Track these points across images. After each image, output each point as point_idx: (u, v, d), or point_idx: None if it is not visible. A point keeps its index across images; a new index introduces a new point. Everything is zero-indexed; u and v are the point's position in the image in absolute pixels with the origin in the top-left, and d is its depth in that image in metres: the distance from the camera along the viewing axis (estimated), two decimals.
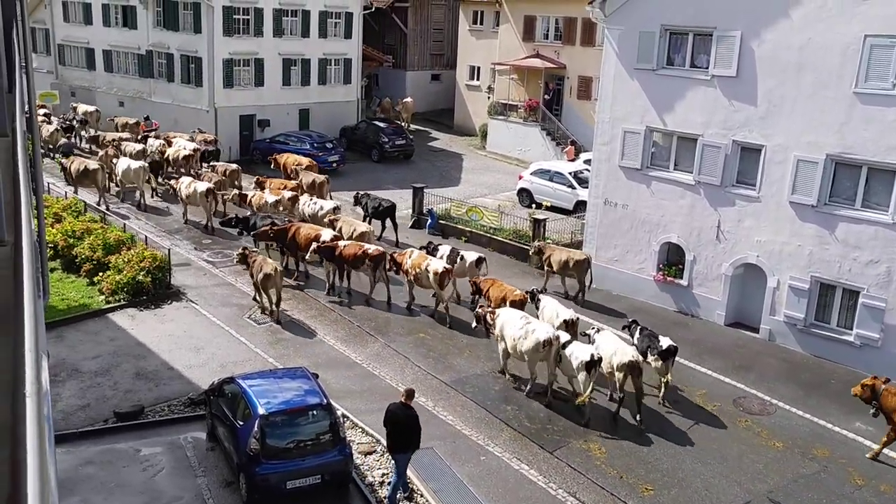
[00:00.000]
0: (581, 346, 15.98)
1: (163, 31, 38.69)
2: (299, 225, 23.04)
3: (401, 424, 12.71)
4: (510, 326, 16.61)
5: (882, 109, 17.55)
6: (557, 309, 18.06)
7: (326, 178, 29.98)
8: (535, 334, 16.03)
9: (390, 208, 26.69)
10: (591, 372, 15.26)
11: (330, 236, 21.99)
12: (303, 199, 26.46)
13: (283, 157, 32.97)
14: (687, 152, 21.14)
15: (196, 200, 26.97)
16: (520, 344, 16.23)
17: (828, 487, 14.09)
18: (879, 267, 18.06)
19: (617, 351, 15.87)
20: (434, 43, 52.00)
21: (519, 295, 18.86)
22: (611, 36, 22.14)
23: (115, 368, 17.22)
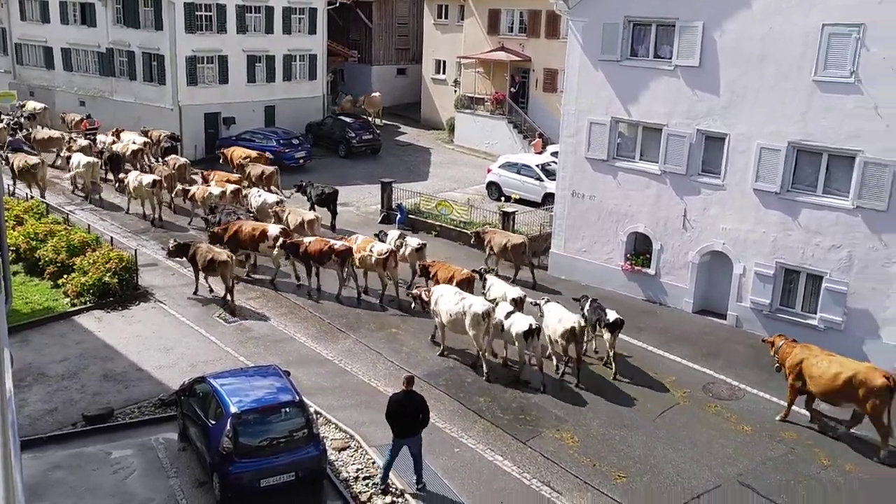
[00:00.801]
0: (521, 316, 16.89)
1: (123, 28, 38.15)
2: (241, 223, 22.86)
3: (409, 412, 12.86)
4: (445, 302, 17.54)
5: (841, 97, 17.86)
6: (505, 288, 18.96)
7: (276, 168, 30.44)
8: (472, 308, 16.93)
9: (333, 195, 27.51)
10: (529, 340, 16.34)
11: (278, 231, 22.00)
12: (252, 192, 26.72)
13: (230, 150, 33.19)
14: (652, 142, 21.35)
15: (142, 193, 27.18)
16: (458, 319, 17.10)
17: (795, 469, 14.35)
18: (841, 252, 18.40)
19: (561, 319, 16.96)
20: (399, 37, 51.87)
21: (466, 274, 19.69)
22: (575, 28, 22.26)
23: (83, 371, 17.00)
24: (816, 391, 15.27)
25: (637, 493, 13.47)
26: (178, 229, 26.67)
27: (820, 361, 15.26)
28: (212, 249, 20.72)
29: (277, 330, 19.45)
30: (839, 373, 14.84)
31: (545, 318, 17.42)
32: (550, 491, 13.45)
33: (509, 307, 17.44)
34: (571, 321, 16.80)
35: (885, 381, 14.37)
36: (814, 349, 15.82)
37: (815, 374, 15.18)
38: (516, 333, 16.60)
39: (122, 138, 33.81)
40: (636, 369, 18.00)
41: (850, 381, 14.65)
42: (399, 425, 12.97)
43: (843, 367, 14.94)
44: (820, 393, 15.24)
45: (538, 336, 16.60)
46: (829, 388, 14.95)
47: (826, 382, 14.98)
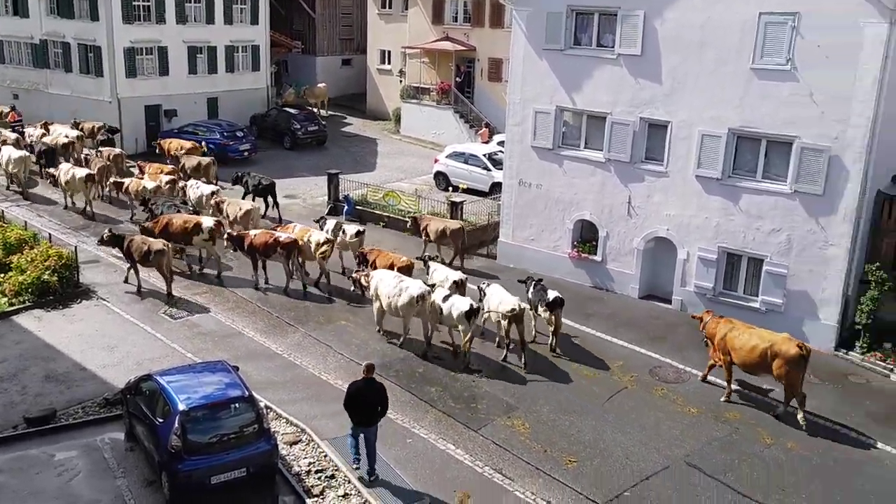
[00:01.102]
0: (460, 298, 17.51)
1: (57, 18, 37.07)
2: (171, 216, 22.53)
3: (369, 400, 12.93)
4: (384, 285, 18.03)
5: (778, 84, 18.29)
6: (447, 272, 19.48)
7: (212, 159, 30.31)
8: (408, 291, 17.53)
9: (270, 186, 27.52)
10: (470, 320, 16.90)
11: (212, 223, 21.87)
12: (189, 184, 26.64)
13: (167, 142, 32.90)
14: (596, 131, 21.58)
15: (75, 186, 26.89)
16: (394, 301, 17.64)
17: (740, 448, 14.72)
18: (781, 235, 18.88)
19: (502, 301, 17.55)
20: (343, 28, 51.46)
21: (405, 261, 20.11)
22: (519, 17, 22.35)
23: (23, 372, 16.55)
24: (738, 362, 16.11)
25: (587, 476, 13.67)
26: (114, 222, 26.24)
27: (741, 334, 16.09)
28: (147, 240, 20.58)
29: (225, 325, 19.20)
30: (757, 344, 15.68)
31: (487, 301, 18.03)
32: (503, 478, 13.56)
33: (447, 291, 17.93)
34: (512, 303, 17.31)
35: (799, 351, 15.24)
36: (736, 323, 16.60)
37: (737, 346, 15.99)
38: (458, 315, 17.02)
39: (52, 131, 33.21)
40: (587, 354, 18.24)
41: (766, 351, 15.51)
42: (358, 413, 13.01)
43: (761, 338, 15.79)
44: (741, 363, 16.07)
45: (478, 315, 17.23)
46: (749, 359, 15.79)
47: (746, 353, 15.83)
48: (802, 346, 15.43)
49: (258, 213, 24.69)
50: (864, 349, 18.33)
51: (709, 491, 13.41)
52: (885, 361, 17.96)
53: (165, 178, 27.01)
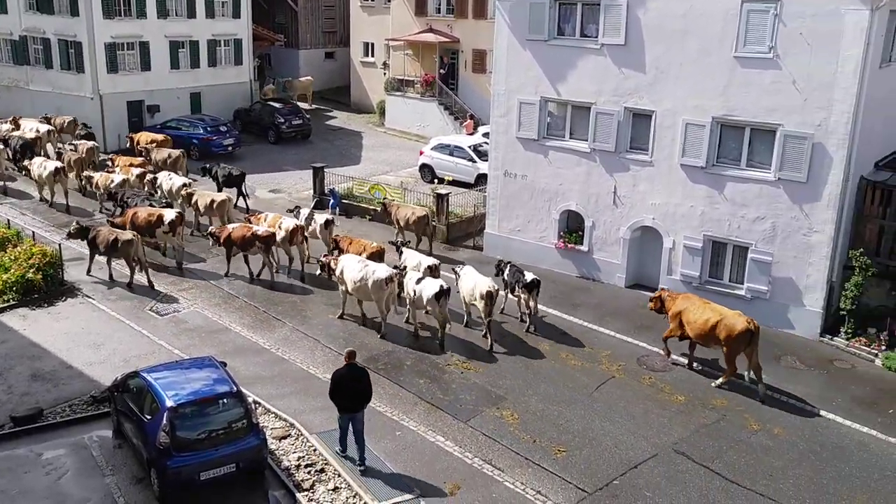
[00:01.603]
0: (430, 280, 18.11)
1: (36, 14, 36.69)
2: (137, 209, 22.88)
3: (353, 385, 13.14)
4: (350, 270, 18.58)
5: (760, 72, 18.36)
6: (420, 258, 19.97)
7: (182, 152, 30.50)
8: (375, 274, 18.03)
9: (240, 176, 27.76)
10: (440, 300, 17.59)
11: (173, 215, 22.05)
12: (161, 176, 26.81)
13: (138, 135, 33.15)
14: (581, 121, 21.60)
15: (45, 180, 27.15)
16: (362, 284, 18.17)
17: (727, 434, 14.83)
18: (765, 223, 18.98)
19: (477, 282, 18.30)
20: (326, 20, 51.21)
21: (375, 247, 20.75)
22: (502, 8, 22.31)
23: (9, 371, 16.44)
24: (693, 335, 16.86)
25: (577, 466, 13.74)
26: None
27: (697, 309, 16.86)
28: (114, 231, 20.95)
29: (212, 321, 19.14)
30: (710, 318, 16.46)
31: (462, 282, 18.83)
32: (492, 469, 13.61)
33: (419, 275, 18.48)
34: (486, 285, 17.99)
35: (746, 326, 16.00)
36: (693, 298, 17.43)
37: (692, 320, 16.76)
38: (428, 297, 17.65)
39: (22, 126, 33.16)
40: (574, 344, 18.30)
41: (717, 325, 16.25)
42: (344, 400, 13.18)
43: (714, 312, 16.57)
44: (695, 336, 16.83)
45: (448, 297, 17.84)
46: (702, 332, 16.55)
47: (699, 327, 16.58)
48: (751, 321, 16.09)
49: (230, 204, 24.98)
50: (849, 334, 18.49)
51: (697, 478, 13.51)
52: (869, 346, 18.11)
53: (135, 171, 27.25)
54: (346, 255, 19.81)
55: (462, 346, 17.91)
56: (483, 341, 18.09)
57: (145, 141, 32.21)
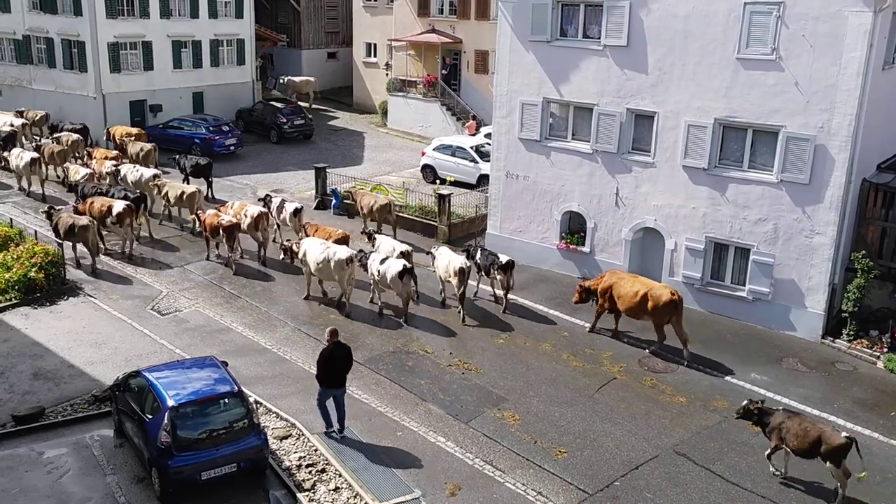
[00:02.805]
0: (394, 261, 19.28)
1: (40, 13, 36.75)
2: (94, 199, 23.47)
3: (341, 361, 13.92)
4: (312, 251, 19.69)
5: (763, 74, 18.35)
6: (394, 244, 21.08)
7: (153, 146, 31.14)
8: (337, 255, 19.15)
9: (207, 166, 28.98)
10: (403, 279, 18.70)
11: (122, 206, 22.58)
12: (127, 167, 27.62)
13: (114, 128, 33.88)
14: (583, 122, 21.60)
15: (22, 170, 28.24)
16: (324, 265, 19.25)
17: (728, 436, 14.82)
18: (767, 225, 18.97)
19: (451, 260, 19.62)
20: (329, 21, 51.26)
21: (340, 234, 21.77)
22: (504, 9, 22.32)
23: (11, 370, 16.46)
24: (622, 308, 18.04)
25: (578, 467, 13.73)
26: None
27: (625, 283, 18.07)
28: (73, 216, 22.03)
29: (213, 320, 19.15)
30: (639, 290, 17.72)
31: (437, 261, 20.15)
32: (493, 469, 13.60)
33: (383, 256, 19.74)
34: (460, 262, 19.42)
35: (671, 297, 17.35)
36: (620, 274, 18.73)
37: (622, 294, 17.98)
38: (392, 276, 18.76)
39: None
40: (575, 345, 18.30)
41: (645, 297, 17.54)
42: (331, 375, 13.92)
43: (642, 285, 17.84)
44: (626, 309, 17.99)
45: (411, 275, 18.98)
46: (631, 305, 17.80)
47: (629, 300, 17.81)
48: (675, 293, 17.55)
49: (201, 195, 25.69)
50: (851, 337, 18.47)
51: (698, 479, 13.50)
52: (871, 349, 18.09)
53: (109, 164, 28.05)
54: (309, 238, 20.88)
55: (445, 334, 17.91)
56: (477, 332, 18.10)
57: (121, 134, 33.03)
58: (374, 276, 19.34)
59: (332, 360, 13.83)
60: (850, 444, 12.60)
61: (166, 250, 23.68)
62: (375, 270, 19.24)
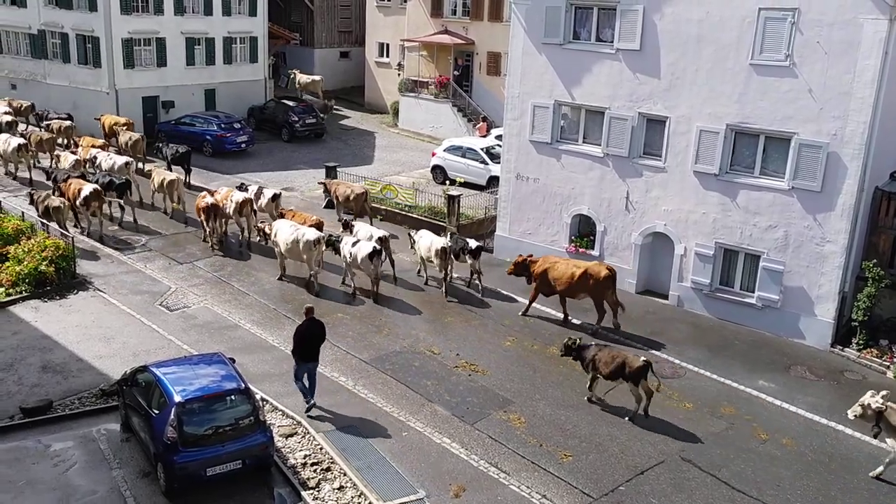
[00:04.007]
0: (365, 243, 20.54)
1: (55, 9, 36.93)
2: (72, 181, 24.57)
3: (315, 337, 14.90)
4: (282, 233, 21.01)
5: (776, 80, 18.28)
6: (371, 230, 22.06)
7: (141, 135, 31.94)
8: (305, 236, 20.48)
9: (186, 154, 30.30)
10: (373, 260, 19.99)
11: (89, 190, 23.70)
12: (102, 155, 28.60)
13: (103, 117, 34.34)
14: (595, 125, 21.57)
15: (9, 156, 29.25)
16: (293, 245, 20.57)
17: (735, 443, 14.76)
18: (778, 231, 18.89)
19: (433, 241, 21.08)
20: (342, 20, 51.32)
21: (315, 219, 22.77)
22: (518, 11, 22.30)
23: (20, 363, 16.54)
24: (560, 290, 19.03)
25: (583, 471, 13.70)
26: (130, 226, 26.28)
27: (560, 266, 19.16)
28: (49, 197, 23.55)
29: (221, 317, 19.20)
30: (574, 271, 18.83)
31: (419, 244, 21.43)
32: (498, 472, 13.59)
33: (355, 238, 21.09)
34: (441, 242, 20.86)
35: (608, 273, 18.65)
36: (553, 258, 19.85)
37: (558, 276, 19.01)
38: (362, 257, 19.98)
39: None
40: None
41: (583, 275, 18.67)
42: (307, 349, 14.82)
43: (577, 266, 19.04)
44: (563, 290, 19.03)
45: (380, 257, 20.30)
46: (569, 285, 18.86)
47: (566, 280, 18.86)
48: (610, 268, 18.87)
49: (181, 182, 26.89)
50: (861, 346, 18.38)
51: (704, 486, 13.45)
52: (881, 358, 18.00)
53: (93, 151, 29.01)
54: (280, 220, 22.09)
55: (452, 335, 17.90)
56: (460, 322, 18.11)
57: (110, 123, 33.67)
58: (346, 259, 20.59)
59: (308, 335, 14.77)
60: (647, 366, 15.07)
61: (175, 246, 23.75)
62: (347, 253, 20.49)
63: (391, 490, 12.93)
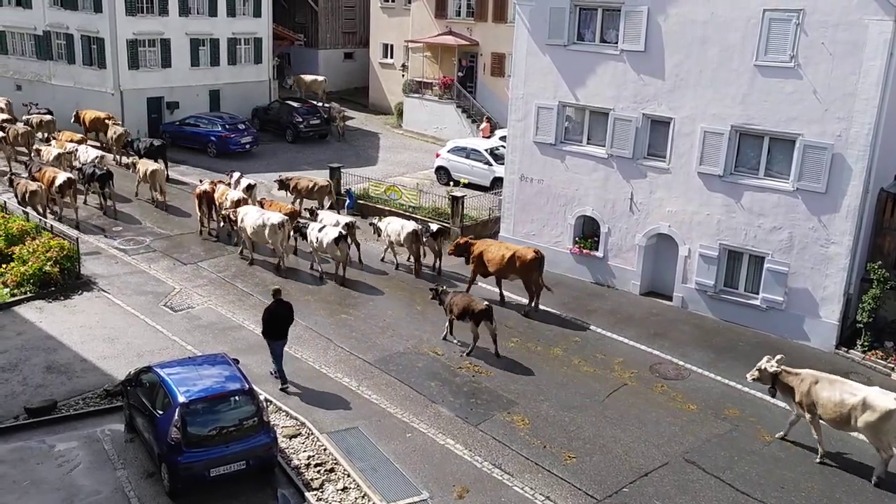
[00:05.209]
0: (331, 228, 21.64)
1: (60, 10, 37.02)
2: (47, 169, 26.12)
3: (282, 317, 15.76)
4: (249, 218, 22.16)
5: (781, 81, 18.25)
6: (337, 217, 23.27)
7: (125, 130, 33.16)
8: (270, 220, 21.72)
9: (161, 147, 31.41)
10: (339, 244, 21.04)
11: (63, 179, 25.08)
12: (80, 149, 29.93)
13: (83, 112, 35.17)
14: (599, 126, 21.55)
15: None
16: (259, 229, 21.80)
17: (739, 445, 14.73)
18: (782, 233, 18.85)
19: (404, 225, 22.31)
20: (346, 21, 51.37)
21: (290, 209, 24.04)
22: (522, 12, 22.30)
23: (24, 363, 16.57)
24: (493, 270, 20.31)
25: (587, 472, 13.69)
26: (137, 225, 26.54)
27: (493, 248, 20.48)
28: (28, 183, 24.79)
29: (225, 318, 19.21)
30: (505, 253, 20.04)
31: (389, 228, 22.53)
32: (502, 473, 13.58)
33: (321, 224, 22.08)
34: (412, 226, 22.09)
35: (535, 255, 19.74)
36: (489, 241, 21.31)
37: (491, 258, 20.25)
38: (328, 243, 21.11)
39: None
40: (587, 350, 18.25)
41: (511, 257, 19.79)
42: (276, 328, 15.71)
43: (507, 249, 20.24)
44: (495, 271, 20.27)
45: (346, 241, 21.49)
46: (500, 266, 20.06)
47: (497, 261, 20.06)
48: (537, 252, 19.95)
49: (163, 173, 28.10)
50: (866, 348, 18.33)
51: (708, 488, 13.42)
52: (886, 360, 17.96)
53: (69, 145, 30.12)
54: (246, 206, 23.11)
55: (456, 337, 17.92)
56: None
57: (90, 118, 34.65)
58: (314, 244, 21.70)
59: (275, 315, 15.69)
60: (489, 308, 17.40)
61: (179, 247, 23.80)
62: (314, 238, 21.62)
63: (395, 491, 12.93)
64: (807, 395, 14.17)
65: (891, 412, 13.22)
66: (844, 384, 14.06)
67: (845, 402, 13.65)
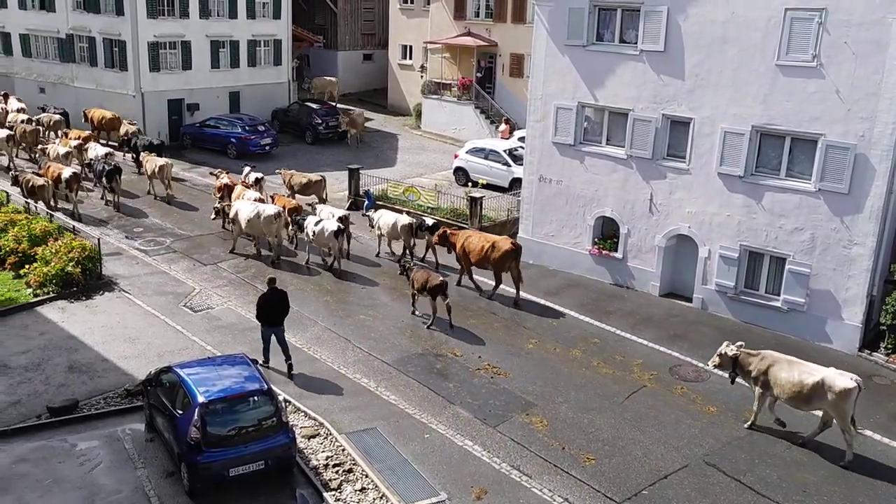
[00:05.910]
0: (329, 221, 22.31)
1: (83, 13, 37.42)
2: (49, 165, 27.20)
3: (275, 304, 16.35)
4: (243, 211, 22.81)
5: (803, 81, 18.08)
6: (332, 210, 23.87)
7: (138, 128, 34.16)
8: (265, 211, 22.41)
9: (160, 145, 32.56)
10: (338, 237, 21.90)
11: (69, 173, 26.03)
12: (90, 146, 30.80)
13: (91, 111, 36.07)
14: (618, 127, 21.46)
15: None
16: (254, 221, 22.42)
17: (760, 448, 14.60)
18: (804, 234, 18.67)
19: (398, 218, 23.01)
20: (365, 22, 51.52)
21: (293, 203, 24.72)
22: (541, 13, 22.25)
23: (47, 363, 16.74)
24: (473, 260, 20.95)
25: (605, 474, 13.62)
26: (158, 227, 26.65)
27: (474, 239, 21.08)
28: (34, 177, 25.73)
29: (245, 318, 19.30)
30: (483, 244, 20.72)
31: (382, 220, 23.24)
32: (520, 475, 13.54)
33: (318, 218, 22.69)
34: (407, 219, 22.85)
35: (511, 247, 20.52)
36: (470, 232, 22.02)
37: (471, 249, 20.94)
38: (328, 234, 21.80)
39: None
40: (606, 352, 18.17)
41: (490, 248, 20.54)
42: (269, 316, 16.33)
43: (486, 240, 20.85)
44: (476, 262, 20.94)
45: (345, 234, 22.32)
46: (479, 257, 20.76)
47: (477, 253, 20.77)
48: (514, 242, 20.80)
49: (170, 168, 28.83)
50: (889, 350, 18.12)
51: (728, 491, 13.32)
52: None
53: (74, 143, 30.78)
54: (240, 200, 23.84)
55: (474, 338, 17.87)
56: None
57: (98, 117, 35.52)
58: (310, 236, 22.34)
59: (268, 302, 16.29)
60: (444, 283, 18.57)
61: (199, 248, 23.95)
62: (311, 231, 22.24)
63: (413, 492, 12.93)
64: (763, 374, 14.68)
65: (848, 391, 13.74)
66: (802, 365, 14.49)
67: (804, 383, 14.10)
